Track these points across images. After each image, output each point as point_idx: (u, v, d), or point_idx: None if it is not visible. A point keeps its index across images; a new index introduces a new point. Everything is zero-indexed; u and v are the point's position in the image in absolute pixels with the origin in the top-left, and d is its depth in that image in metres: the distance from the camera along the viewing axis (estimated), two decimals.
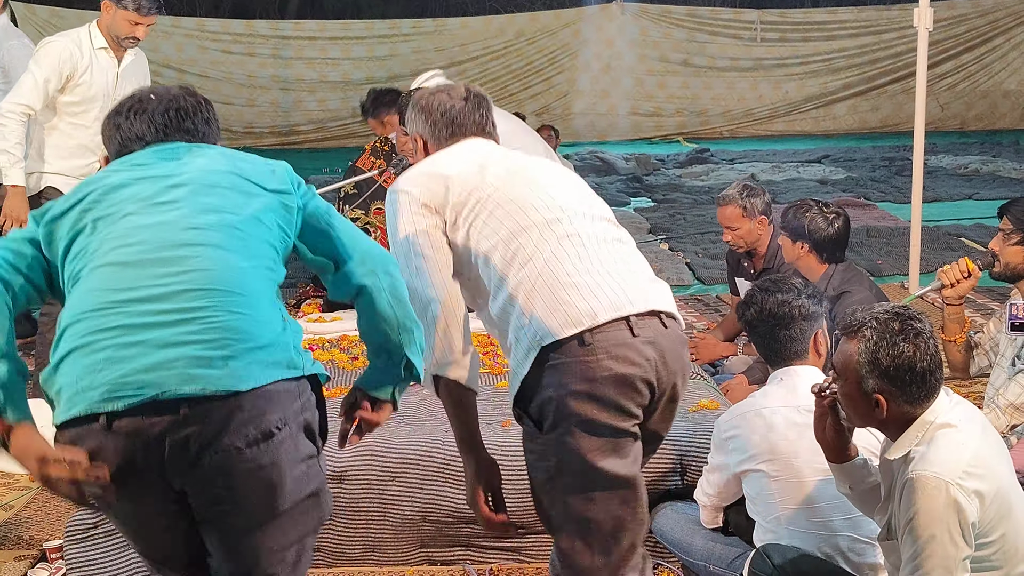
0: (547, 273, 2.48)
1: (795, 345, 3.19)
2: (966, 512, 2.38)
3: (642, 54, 18.37)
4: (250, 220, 2.32)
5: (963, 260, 3.83)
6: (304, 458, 2.26)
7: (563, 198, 2.62)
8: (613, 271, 2.52)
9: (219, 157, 2.44)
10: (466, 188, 2.61)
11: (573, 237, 2.55)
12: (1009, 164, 13.23)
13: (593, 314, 2.42)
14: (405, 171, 2.69)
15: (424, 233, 2.57)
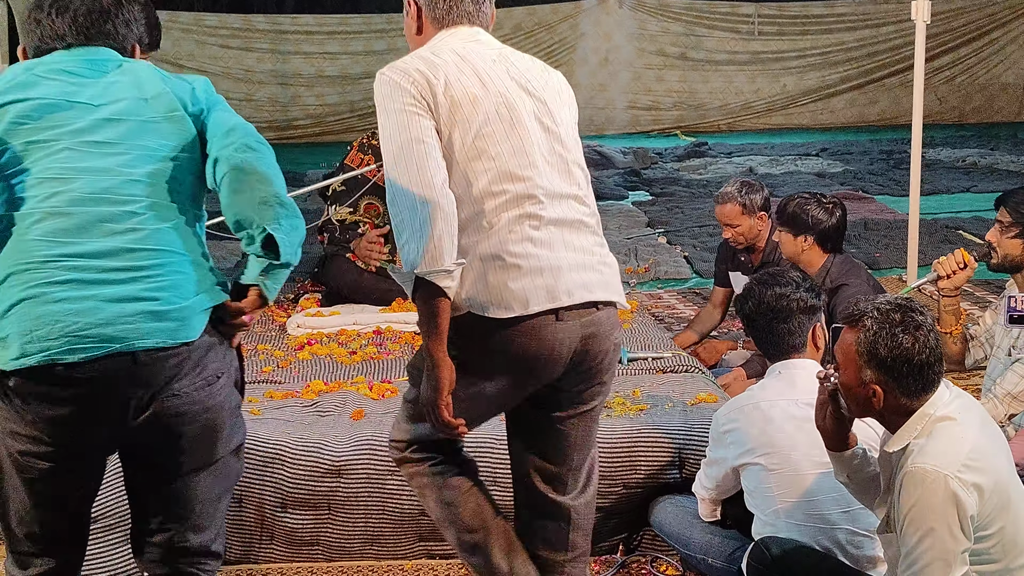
0: (498, 250, 2.50)
1: (793, 338, 3.20)
2: (965, 505, 2.38)
3: (640, 48, 18.36)
4: (183, 163, 2.41)
5: (959, 251, 3.83)
6: (236, 406, 2.45)
7: (541, 169, 2.57)
8: (563, 260, 2.54)
9: (148, 80, 2.45)
10: (456, 112, 2.51)
11: (536, 219, 2.54)
12: (1007, 157, 13.23)
13: (526, 303, 2.47)
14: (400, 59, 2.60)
15: (420, 129, 2.48)
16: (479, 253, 2.49)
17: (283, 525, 3.58)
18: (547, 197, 2.56)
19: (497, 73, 2.60)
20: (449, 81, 2.52)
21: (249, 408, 3.93)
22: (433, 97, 2.49)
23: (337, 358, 4.56)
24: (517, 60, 2.69)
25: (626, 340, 4.73)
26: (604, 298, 2.61)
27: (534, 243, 2.52)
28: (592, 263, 2.62)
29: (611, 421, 3.73)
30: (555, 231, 2.56)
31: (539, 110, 2.62)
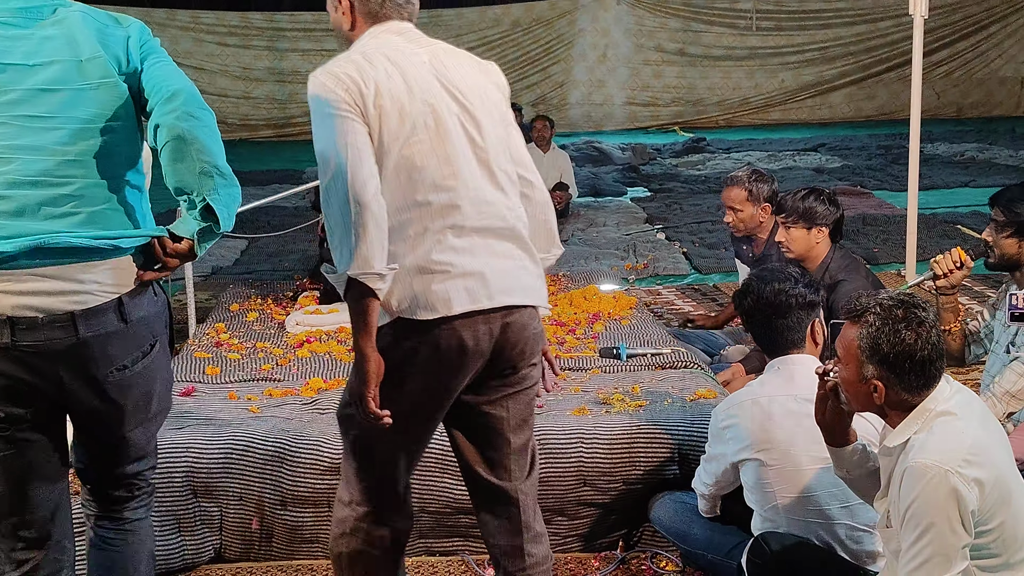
0: (423, 259, 2.54)
1: (792, 334, 3.20)
2: (966, 500, 2.38)
3: (638, 44, 18.37)
4: (118, 132, 2.42)
5: (956, 250, 3.83)
6: (167, 368, 2.62)
7: (466, 178, 2.59)
8: (485, 266, 2.59)
9: (83, 38, 2.41)
10: (384, 122, 2.53)
11: (460, 228, 2.58)
12: (1005, 151, 13.24)
13: (449, 304, 2.53)
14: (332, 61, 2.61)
15: (355, 135, 2.50)
16: (406, 262, 2.54)
17: (283, 523, 3.59)
18: (471, 205, 2.59)
19: (426, 79, 2.61)
20: (379, 89, 2.53)
21: (249, 406, 3.93)
22: (364, 104, 2.51)
23: (336, 355, 4.56)
24: (447, 61, 2.68)
25: (625, 336, 4.73)
26: (523, 302, 2.66)
27: (457, 251, 2.56)
28: (512, 268, 2.65)
29: (610, 417, 3.73)
30: (478, 239, 2.60)
31: (465, 118, 2.63)
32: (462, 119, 2.62)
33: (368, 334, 2.50)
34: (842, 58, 18.29)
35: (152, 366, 2.51)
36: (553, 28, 18.20)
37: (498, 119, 2.70)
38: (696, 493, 3.39)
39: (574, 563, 3.60)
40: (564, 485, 3.60)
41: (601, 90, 18.38)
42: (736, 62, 18.37)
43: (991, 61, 18.35)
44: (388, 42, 2.64)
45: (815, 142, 14.98)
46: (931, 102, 16.49)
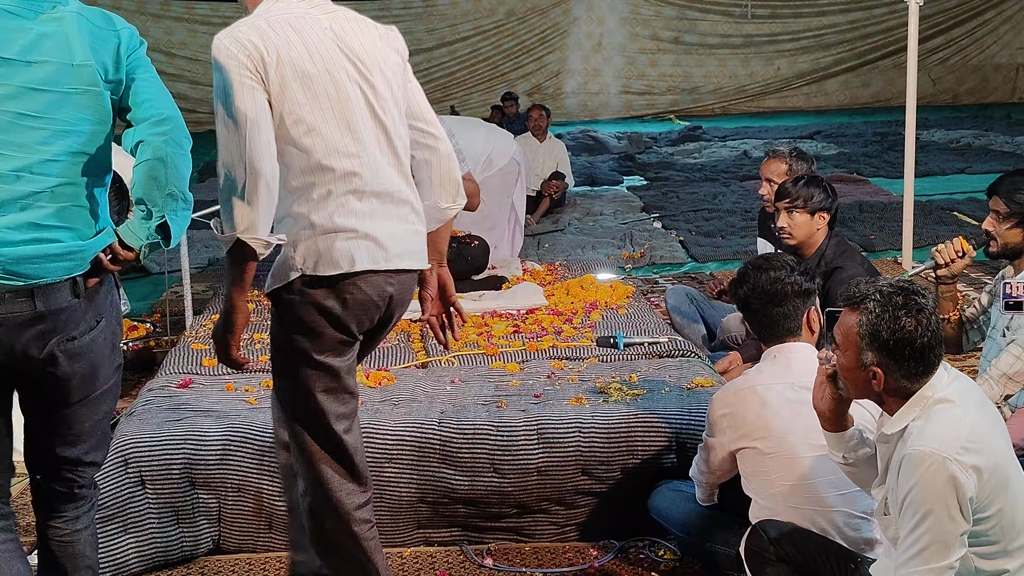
0: (326, 220, 2.69)
1: (788, 322, 3.20)
2: (964, 487, 2.38)
3: (633, 32, 18.34)
4: (96, 137, 2.57)
5: (958, 239, 3.82)
6: (113, 350, 2.70)
7: (367, 144, 2.74)
8: (383, 229, 2.75)
9: (77, 43, 2.52)
10: (285, 89, 2.64)
11: (361, 192, 2.73)
12: (1001, 138, 13.24)
13: (352, 262, 2.70)
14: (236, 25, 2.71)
15: (254, 102, 2.61)
16: (310, 221, 2.69)
17: (281, 513, 3.58)
18: (371, 171, 2.74)
19: (327, 46, 2.71)
20: (281, 57, 2.63)
21: (246, 398, 3.93)
22: (266, 71, 2.62)
23: None
24: (348, 28, 2.79)
25: (622, 325, 4.73)
26: (415, 266, 2.87)
27: (358, 215, 2.73)
28: (407, 233, 2.83)
29: (608, 406, 3.74)
30: (377, 203, 2.76)
31: (364, 84, 2.76)
32: (362, 86, 2.75)
33: (242, 290, 2.71)
34: (837, 45, 18.27)
35: (99, 339, 2.63)
36: (548, 17, 18.16)
37: (396, 84, 2.83)
38: (694, 482, 3.40)
39: (572, 552, 3.60)
40: (562, 474, 3.60)
41: (597, 79, 18.35)
42: (732, 50, 18.35)
43: (986, 47, 18.34)
44: (290, 7, 2.74)
45: (811, 129, 14.97)
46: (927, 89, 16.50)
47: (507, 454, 3.59)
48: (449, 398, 3.88)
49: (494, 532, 3.68)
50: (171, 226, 2.56)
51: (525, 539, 3.67)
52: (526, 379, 4.09)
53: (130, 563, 3.48)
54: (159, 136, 2.55)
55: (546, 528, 3.68)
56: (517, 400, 3.85)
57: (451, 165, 2.96)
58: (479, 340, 4.58)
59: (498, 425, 3.62)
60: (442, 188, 2.94)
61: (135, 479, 3.52)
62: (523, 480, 3.60)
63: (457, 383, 4.05)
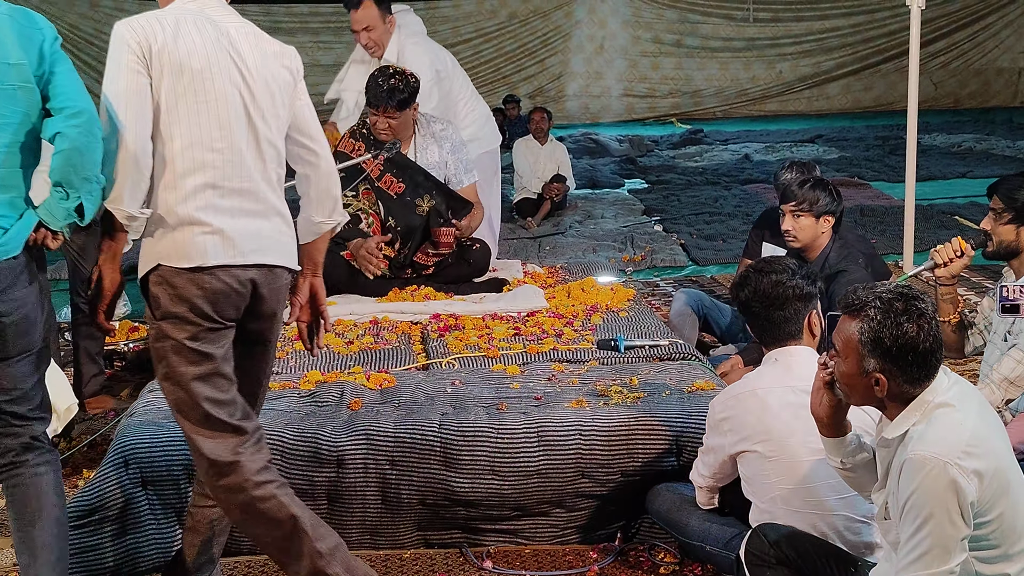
0: (186, 212, 2.86)
1: (789, 326, 3.20)
2: (965, 492, 2.38)
3: (635, 35, 18.34)
4: (29, 129, 2.82)
5: (956, 239, 3.83)
6: (45, 311, 2.93)
7: (235, 143, 2.91)
8: (240, 226, 2.91)
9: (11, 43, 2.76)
10: (164, 79, 2.84)
11: (222, 188, 2.89)
12: (1002, 142, 13.23)
13: (205, 256, 2.85)
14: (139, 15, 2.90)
15: (138, 84, 2.82)
16: (170, 212, 2.86)
17: None
18: (235, 169, 2.91)
19: (215, 49, 2.91)
20: (166, 48, 2.84)
21: None
22: (150, 59, 2.83)
23: (334, 348, 4.55)
24: (243, 39, 2.98)
25: (623, 328, 4.73)
26: (274, 263, 2.98)
27: (217, 210, 2.88)
28: (271, 231, 2.98)
29: (608, 409, 3.73)
30: (238, 200, 2.92)
31: (245, 91, 2.94)
32: (242, 90, 2.93)
33: (112, 259, 2.89)
34: (839, 49, 18.27)
35: (31, 293, 2.85)
36: (550, 20, 18.17)
37: (279, 98, 3.02)
38: (694, 485, 3.40)
39: (572, 555, 3.60)
40: (562, 477, 3.60)
41: (598, 82, 18.36)
42: (733, 53, 18.35)
43: (988, 51, 18.34)
44: (196, 8, 2.96)
45: (812, 133, 14.97)
46: (928, 93, 16.48)
47: (507, 456, 3.59)
48: (449, 400, 3.88)
49: (494, 534, 3.67)
50: (87, 206, 2.82)
51: (525, 541, 3.67)
52: (526, 381, 4.09)
53: (130, 564, 3.48)
54: (75, 128, 2.78)
55: (546, 531, 3.68)
56: (517, 402, 3.85)
57: (329, 182, 3.15)
58: (480, 342, 4.58)
59: (498, 427, 3.62)
60: (319, 203, 3.14)
61: (135, 479, 3.52)
62: (523, 482, 3.60)
63: (458, 385, 4.05)
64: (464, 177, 5.51)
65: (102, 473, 3.52)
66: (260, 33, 3.05)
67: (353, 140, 5.42)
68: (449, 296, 5.18)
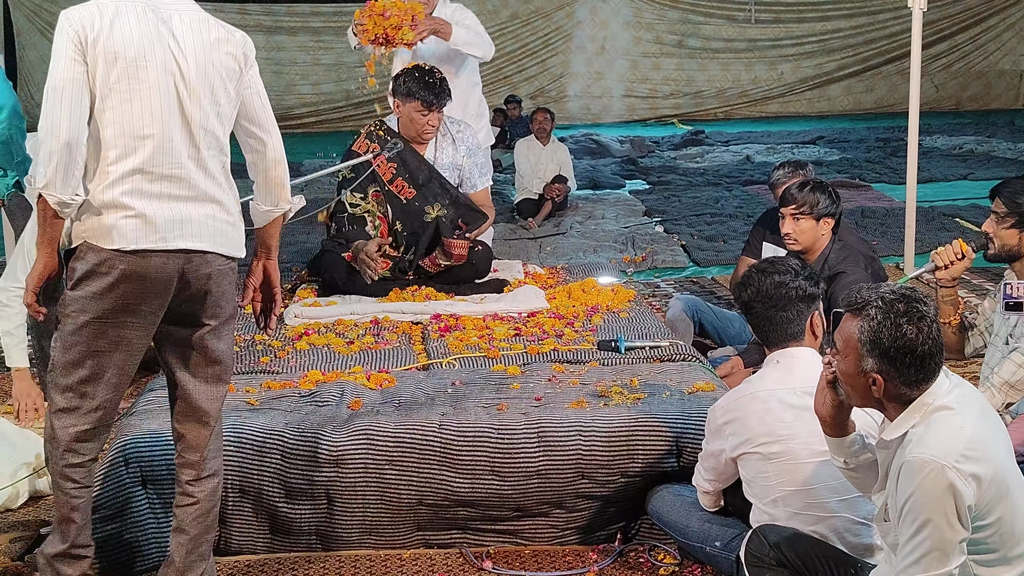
0: (114, 196, 2.93)
1: (791, 327, 3.20)
2: (963, 495, 2.38)
3: (636, 36, 18.33)
4: None
5: (957, 241, 3.83)
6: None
7: (165, 130, 2.96)
8: (165, 211, 2.97)
9: None
10: (97, 67, 2.90)
11: (151, 174, 2.96)
12: (1004, 144, 13.22)
13: (127, 239, 2.93)
14: (82, 5, 2.96)
15: (74, 73, 2.89)
16: (97, 196, 2.93)
17: (281, 515, 3.59)
18: (165, 156, 2.97)
19: (151, 38, 2.96)
20: (101, 37, 2.90)
21: (247, 398, 3.93)
22: (85, 48, 2.90)
23: (335, 348, 4.55)
24: (187, 27, 3.04)
25: (624, 329, 4.73)
26: (201, 248, 3.02)
27: (143, 195, 2.95)
28: (203, 217, 3.03)
29: (609, 410, 3.73)
30: (168, 186, 2.98)
31: (179, 79, 2.99)
32: (176, 80, 2.98)
33: (48, 242, 2.96)
34: (841, 50, 18.25)
35: None
36: (551, 20, 18.15)
37: (219, 85, 3.06)
38: (697, 488, 3.39)
39: (572, 556, 3.60)
40: (562, 478, 3.60)
41: (599, 82, 18.34)
42: (735, 54, 18.34)
43: (990, 54, 18.33)
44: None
45: (814, 135, 14.95)
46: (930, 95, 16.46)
47: (507, 457, 3.59)
48: (450, 400, 3.88)
49: (494, 535, 3.67)
50: (21, 180, 3.28)
51: (525, 542, 3.67)
52: (527, 382, 4.09)
53: (130, 563, 3.48)
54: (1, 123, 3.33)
55: (546, 531, 3.68)
56: (518, 403, 3.85)
57: (277, 170, 3.20)
58: (480, 343, 4.58)
59: (499, 428, 3.62)
60: (266, 190, 3.21)
61: (136, 479, 3.52)
62: (523, 483, 3.60)
63: (458, 385, 4.05)
64: (478, 181, 5.55)
65: (102, 471, 3.52)
66: (208, 20, 3.10)
67: (368, 142, 5.42)
68: (450, 296, 5.18)
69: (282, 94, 17.26)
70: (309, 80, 17.44)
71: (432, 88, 5.24)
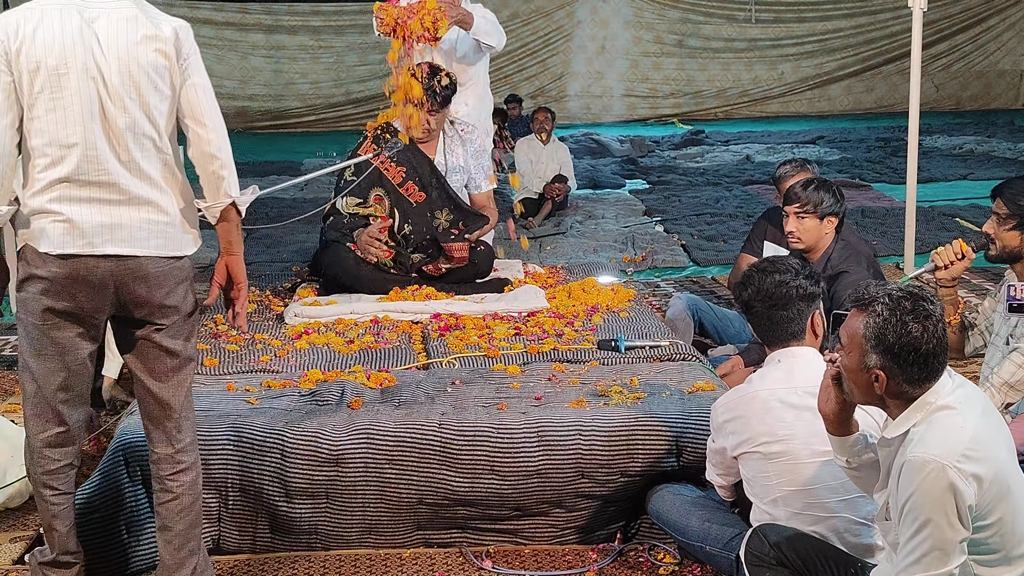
0: (42, 203, 2.96)
1: (792, 326, 3.19)
2: (964, 495, 2.38)
3: (637, 35, 18.32)
4: None
5: (957, 241, 3.83)
6: None
7: (90, 137, 2.95)
8: (94, 216, 2.97)
9: None
10: (22, 77, 2.91)
11: (77, 182, 2.96)
12: (1003, 144, 13.22)
13: (56, 244, 2.95)
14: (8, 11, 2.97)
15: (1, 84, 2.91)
16: (30, 202, 2.97)
17: (282, 514, 3.59)
18: (90, 163, 2.96)
19: (74, 42, 2.93)
20: (23, 47, 2.90)
21: (247, 398, 3.93)
22: (10, 58, 2.91)
23: (335, 347, 4.55)
24: (112, 27, 2.99)
25: (623, 329, 4.73)
26: (134, 252, 3.02)
27: (71, 200, 2.96)
28: (129, 220, 3.01)
29: (608, 409, 3.73)
30: (96, 191, 2.97)
31: (100, 81, 2.96)
32: (98, 84, 2.96)
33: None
34: (841, 50, 18.25)
35: None
36: (552, 19, 18.15)
37: (149, 85, 3.01)
38: (713, 484, 3.40)
39: (572, 555, 3.60)
40: (562, 477, 3.60)
41: (600, 82, 18.33)
42: (735, 54, 18.33)
43: (990, 54, 18.32)
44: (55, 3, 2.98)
45: (814, 134, 14.95)
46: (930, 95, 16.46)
47: (507, 456, 3.59)
48: (450, 400, 3.88)
49: (493, 534, 3.67)
50: None
51: (524, 541, 3.67)
52: (527, 381, 4.09)
53: (129, 562, 3.48)
54: None
55: (545, 531, 3.68)
56: (518, 402, 3.85)
57: (213, 164, 3.14)
58: (480, 342, 4.58)
59: (498, 427, 3.62)
60: (206, 185, 3.18)
61: (135, 478, 3.52)
62: (523, 482, 3.60)
63: (458, 385, 4.05)
64: (483, 183, 5.56)
65: (102, 471, 3.52)
66: (138, 17, 3.03)
67: (375, 145, 5.42)
68: (450, 296, 5.18)
69: (282, 93, 17.27)
70: (308, 79, 17.42)
71: (431, 89, 5.23)
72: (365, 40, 17.09)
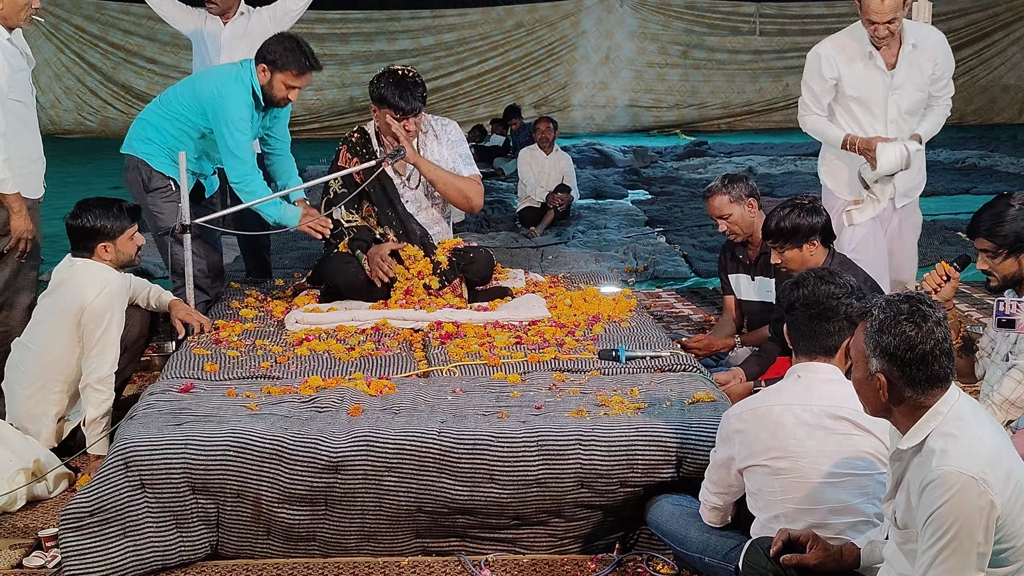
0: None
1: (828, 340, 3.15)
2: (994, 507, 2.38)
3: (641, 46, 18.36)
4: None
5: (940, 264, 3.82)
6: None
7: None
8: None
9: None
10: None
11: None
12: (1006, 159, 13.23)
13: None
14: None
15: None
16: None
17: (280, 520, 3.58)
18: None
19: None
20: None
21: (247, 403, 3.93)
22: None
23: (335, 354, 4.56)
24: None
25: (624, 338, 4.73)
26: None
27: None
28: None
29: (609, 419, 3.73)
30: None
31: None
32: None
33: None
34: None
35: None
36: (556, 29, 18.19)
37: None
38: (703, 504, 3.35)
39: (570, 565, 3.60)
40: (561, 487, 3.60)
41: (604, 92, 18.37)
42: (739, 66, 18.37)
43: (994, 69, 18.35)
44: None
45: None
46: None
47: (507, 465, 3.58)
48: (450, 408, 3.88)
49: (492, 543, 3.67)
50: None
51: (523, 551, 3.67)
52: (527, 390, 4.09)
53: (127, 567, 3.48)
54: None
55: (544, 540, 3.67)
56: (518, 411, 3.85)
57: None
58: (481, 351, 4.58)
59: (498, 436, 3.62)
60: None
61: (135, 483, 3.52)
62: (522, 491, 3.60)
63: (458, 393, 4.05)
64: (464, 170, 5.48)
65: (101, 475, 3.52)
66: None
67: (350, 154, 5.43)
68: (456, 302, 5.18)
69: None
70: (312, 86, 17.42)
71: (405, 96, 5.22)
72: (369, 48, 17.13)
